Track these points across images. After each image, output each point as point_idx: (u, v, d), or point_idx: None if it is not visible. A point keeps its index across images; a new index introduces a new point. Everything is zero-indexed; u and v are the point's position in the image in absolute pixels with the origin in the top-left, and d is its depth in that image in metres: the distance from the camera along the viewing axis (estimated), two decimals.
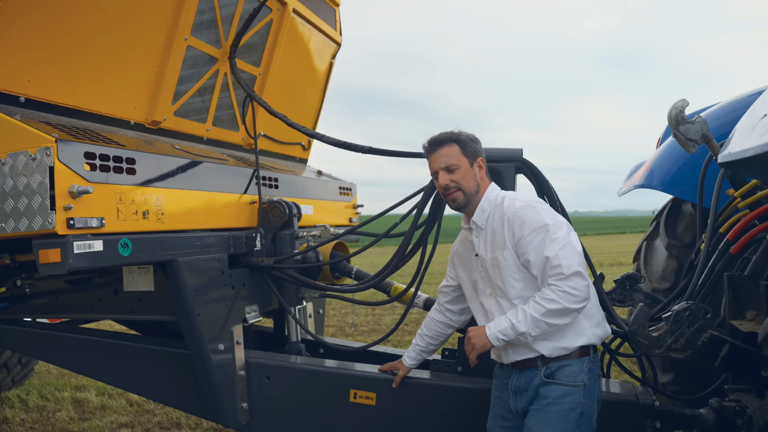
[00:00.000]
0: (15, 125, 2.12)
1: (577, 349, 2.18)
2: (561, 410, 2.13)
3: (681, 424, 2.58)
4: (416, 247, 2.93)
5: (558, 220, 2.18)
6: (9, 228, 2.13)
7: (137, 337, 3.34)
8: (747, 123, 1.88)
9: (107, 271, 3.01)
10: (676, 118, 2.49)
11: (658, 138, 3.50)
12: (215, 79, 3.40)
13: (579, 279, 2.07)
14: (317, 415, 2.90)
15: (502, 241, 2.22)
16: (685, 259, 3.15)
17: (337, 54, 4.55)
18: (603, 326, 2.27)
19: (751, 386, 2.59)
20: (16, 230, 2.13)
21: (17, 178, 2.12)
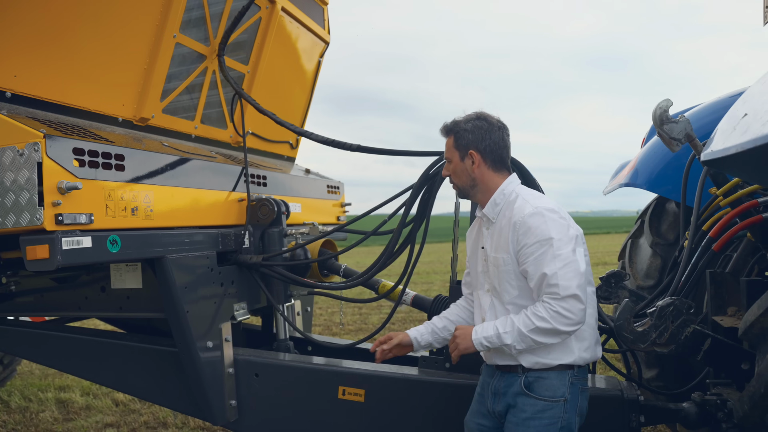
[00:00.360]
0: (2, 120, 2.10)
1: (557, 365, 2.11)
2: (540, 425, 2.09)
3: (665, 417, 2.62)
4: (404, 245, 2.95)
5: (566, 233, 2.05)
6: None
7: (125, 335, 3.32)
8: (728, 122, 1.93)
9: (94, 269, 2.99)
10: (660, 118, 2.54)
11: (643, 138, 3.56)
12: (204, 76, 3.39)
13: (575, 302, 1.98)
14: (306, 412, 2.91)
15: (505, 243, 2.15)
16: (669, 257, 3.21)
17: (326, 53, 4.56)
18: (593, 350, 2.18)
19: (732, 380, 2.65)
20: (2, 226, 2.11)
21: (4, 174, 2.10)
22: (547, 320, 1.99)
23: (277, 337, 3.30)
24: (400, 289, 3.08)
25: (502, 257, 2.16)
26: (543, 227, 2.05)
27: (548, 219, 2.06)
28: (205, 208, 2.93)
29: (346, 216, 4.52)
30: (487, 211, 2.24)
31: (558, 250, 2.01)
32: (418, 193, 2.90)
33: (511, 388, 2.17)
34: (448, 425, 2.74)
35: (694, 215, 2.46)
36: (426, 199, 2.92)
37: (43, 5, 2.43)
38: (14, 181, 2.08)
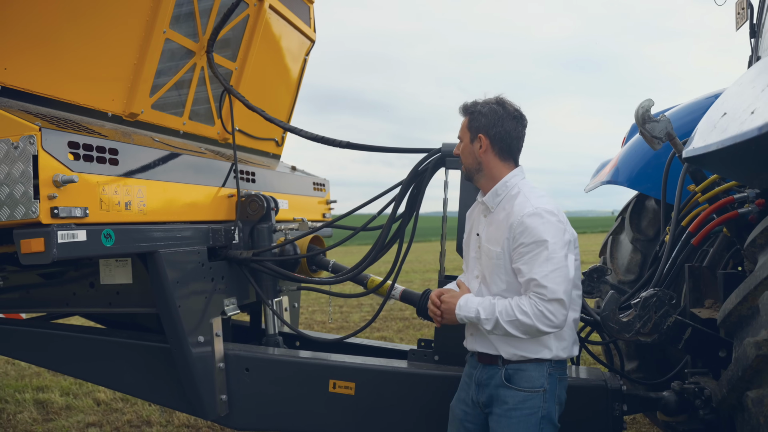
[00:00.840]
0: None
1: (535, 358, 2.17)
2: (522, 415, 2.16)
3: (646, 406, 2.72)
4: (394, 240, 3.00)
5: (561, 238, 2.09)
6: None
7: (112, 332, 3.30)
8: (708, 122, 2.02)
9: (83, 264, 2.97)
10: (642, 117, 2.64)
11: (623, 137, 3.67)
12: (192, 72, 3.40)
13: (559, 306, 2.03)
14: (297, 406, 2.93)
15: (501, 239, 2.18)
16: (649, 253, 3.32)
17: (311, 51, 4.58)
18: (569, 350, 2.23)
19: (708, 369, 2.77)
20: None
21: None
22: (530, 317, 2.04)
23: (267, 332, 3.32)
24: (389, 284, 3.13)
25: (495, 250, 2.20)
26: (540, 228, 2.08)
27: (546, 221, 2.09)
28: (196, 204, 2.94)
29: (331, 213, 4.55)
30: (488, 200, 2.28)
31: (552, 254, 2.05)
32: (407, 189, 2.95)
33: (493, 380, 2.24)
34: (437, 416, 2.79)
35: (675, 211, 2.56)
36: (415, 195, 2.98)
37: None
38: (8, 174, 2.08)
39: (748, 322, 1.88)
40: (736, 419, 1.95)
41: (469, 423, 2.36)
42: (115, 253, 2.38)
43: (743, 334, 1.91)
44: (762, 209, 2.45)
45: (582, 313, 2.74)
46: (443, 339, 2.93)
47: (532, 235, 2.08)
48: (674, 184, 2.87)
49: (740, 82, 2.04)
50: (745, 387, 1.81)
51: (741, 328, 1.93)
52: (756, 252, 1.98)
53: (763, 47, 3.19)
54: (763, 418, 1.70)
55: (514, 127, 2.26)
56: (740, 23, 3.47)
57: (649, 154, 3.21)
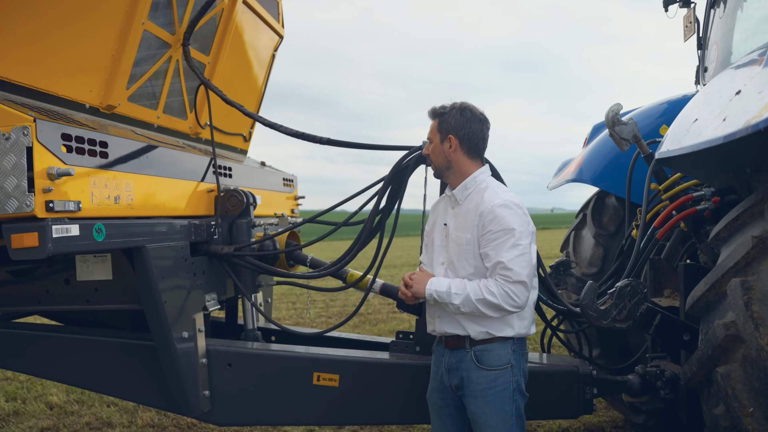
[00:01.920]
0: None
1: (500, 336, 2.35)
2: (496, 392, 2.34)
3: (613, 389, 2.94)
4: (374, 234, 3.06)
5: (526, 228, 2.31)
6: None
7: (85, 330, 3.20)
8: (680, 126, 2.22)
9: (57, 260, 2.87)
10: (612, 120, 2.84)
11: (585, 138, 3.90)
12: (167, 65, 3.34)
13: (522, 288, 2.23)
14: (280, 399, 2.96)
15: (471, 227, 2.37)
16: (611, 247, 3.56)
17: (279, 47, 4.58)
18: (528, 328, 2.42)
19: (666, 353, 3.02)
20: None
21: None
22: (496, 296, 2.23)
23: (246, 327, 3.31)
24: (369, 278, 3.20)
25: (465, 237, 2.38)
26: (509, 218, 2.29)
27: (514, 212, 2.31)
28: (178, 198, 2.91)
29: (299, 209, 4.57)
30: (457, 193, 2.46)
31: (518, 241, 2.26)
32: (389, 184, 3.03)
33: (463, 363, 2.39)
34: (419, 405, 2.90)
35: (644, 208, 2.77)
36: (396, 191, 3.07)
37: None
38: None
39: (715, 307, 2.09)
40: (702, 394, 2.16)
41: (447, 408, 2.52)
42: (104, 249, 2.33)
43: (710, 318, 2.11)
44: (717, 206, 2.70)
45: (555, 303, 2.93)
46: (425, 330, 3.03)
47: (500, 223, 2.28)
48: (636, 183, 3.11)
49: (707, 91, 2.25)
50: (713, 364, 2.01)
51: (708, 313, 2.14)
52: (719, 244, 2.19)
53: (710, 59, 3.48)
54: (731, 390, 1.90)
55: (480, 129, 2.48)
56: (688, 36, 3.77)
57: (611, 154, 3.44)
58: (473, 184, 2.44)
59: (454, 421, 2.53)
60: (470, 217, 2.39)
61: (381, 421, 3.28)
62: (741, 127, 1.76)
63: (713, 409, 2.00)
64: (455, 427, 2.53)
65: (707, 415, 2.09)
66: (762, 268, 1.92)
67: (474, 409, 2.36)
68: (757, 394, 1.84)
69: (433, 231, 2.60)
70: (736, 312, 1.91)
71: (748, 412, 1.84)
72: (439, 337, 2.55)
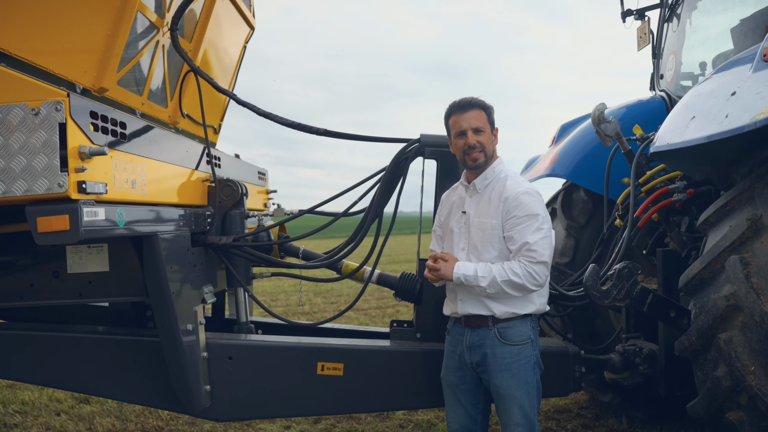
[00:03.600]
0: (7, 74, 1.87)
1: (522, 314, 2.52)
2: (519, 365, 2.50)
3: (598, 367, 3.18)
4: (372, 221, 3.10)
5: (547, 214, 2.49)
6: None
7: (68, 327, 2.98)
8: (677, 123, 2.47)
9: (43, 251, 2.68)
10: (598, 118, 3.09)
11: (553, 137, 4.17)
12: (153, 50, 3.20)
13: (544, 268, 2.41)
14: (284, 391, 2.93)
15: (495, 212, 2.49)
16: (582, 238, 3.83)
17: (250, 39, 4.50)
18: (544, 305, 2.60)
19: (640, 333, 3.31)
20: (7, 194, 1.87)
21: (10, 135, 1.87)
22: (520, 277, 2.39)
23: (238, 320, 3.24)
24: (366, 269, 3.24)
25: (489, 222, 2.51)
26: (533, 205, 2.47)
27: (537, 200, 2.50)
28: (180, 186, 2.81)
29: (271, 202, 4.51)
30: (477, 183, 2.59)
31: (542, 225, 2.45)
32: (390, 176, 3.10)
33: (487, 340, 2.53)
34: (422, 390, 2.99)
35: (632, 199, 3.03)
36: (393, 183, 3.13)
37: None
38: (24, 143, 1.87)
39: (710, 283, 2.34)
40: (696, 361, 2.40)
41: (465, 385, 2.64)
42: (124, 235, 2.22)
43: (705, 293, 2.37)
44: (689, 197, 3.01)
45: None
46: (424, 317, 3.12)
47: (525, 209, 2.45)
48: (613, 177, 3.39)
49: (697, 92, 2.52)
50: (712, 333, 2.26)
51: (702, 289, 2.39)
52: (707, 228, 2.46)
53: (667, 66, 3.86)
54: (734, 353, 2.15)
55: None
56: (642, 45, 4.15)
57: (583, 151, 3.72)
58: (492, 174, 2.58)
59: (469, 398, 2.64)
60: (494, 204, 2.51)
61: (385, 407, 3.32)
62: (748, 122, 2.02)
63: (713, 372, 2.25)
64: (470, 404, 2.64)
65: (703, 378, 2.34)
66: (756, 246, 2.19)
67: (499, 383, 2.48)
68: (757, 355, 2.11)
69: (449, 220, 2.69)
70: (737, 284, 2.17)
71: (750, 371, 2.10)
72: (456, 318, 2.64)
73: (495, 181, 2.57)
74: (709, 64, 3.79)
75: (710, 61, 3.78)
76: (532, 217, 2.44)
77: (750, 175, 2.32)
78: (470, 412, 2.66)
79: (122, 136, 2.22)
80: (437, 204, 3.21)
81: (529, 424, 2.51)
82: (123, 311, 3.19)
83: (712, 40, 3.72)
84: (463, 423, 2.68)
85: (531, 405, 2.52)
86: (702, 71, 3.84)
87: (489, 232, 2.52)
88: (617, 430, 3.83)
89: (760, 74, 2.20)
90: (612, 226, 3.28)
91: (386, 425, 4.09)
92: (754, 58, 2.28)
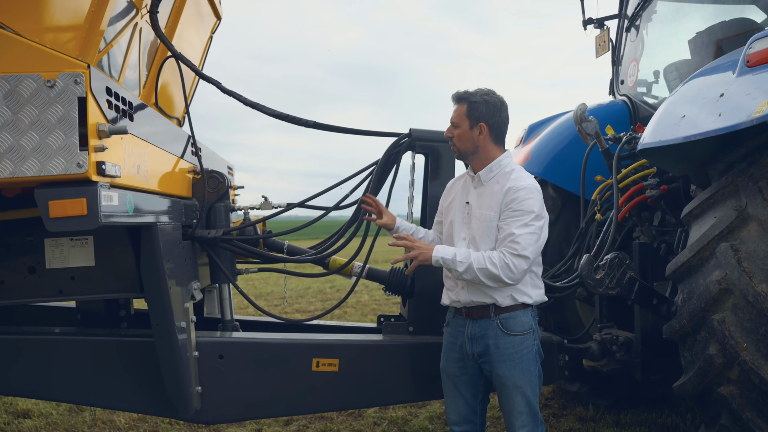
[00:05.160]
0: (16, 41, 1.70)
1: (522, 303, 2.58)
2: (522, 355, 2.55)
3: (578, 355, 3.31)
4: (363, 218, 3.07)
5: (543, 214, 2.52)
6: (5, 172, 1.68)
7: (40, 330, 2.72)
8: (666, 121, 2.64)
9: (15, 243, 2.44)
10: (579, 117, 3.25)
11: (521, 137, 4.32)
12: (131, 33, 3.01)
13: (523, 262, 2.42)
14: (277, 390, 2.83)
15: (496, 204, 2.53)
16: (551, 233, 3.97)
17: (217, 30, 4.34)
18: (541, 296, 2.66)
19: (614, 322, 3.49)
20: (16, 175, 1.69)
21: (21, 109, 1.69)
22: (497, 266, 2.42)
23: (223, 318, 3.09)
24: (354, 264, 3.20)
25: (489, 215, 2.55)
26: (531, 201, 2.50)
27: (535, 197, 2.53)
28: (171, 176, 2.66)
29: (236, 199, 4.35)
30: (482, 174, 2.62)
31: (532, 222, 2.48)
32: (382, 170, 3.09)
33: (489, 331, 2.56)
34: (416, 383, 2.99)
35: (615, 195, 3.19)
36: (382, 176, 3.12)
37: None
38: (37, 119, 1.69)
39: (698, 269, 2.51)
40: (685, 343, 2.57)
41: (465, 376, 2.66)
42: (131, 223, 2.06)
43: (692, 279, 2.54)
44: (661, 194, 3.22)
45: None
46: (416, 311, 3.13)
47: (521, 204, 2.49)
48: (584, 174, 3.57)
49: (683, 94, 2.71)
50: (704, 315, 2.43)
51: (689, 276, 2.56)
52: (691, 220, 2.65)
53: (628, 73, 4.12)
54: (727, 332, 2.33)
55: (507, 116, 2.68)
56: (601, 53, 4.40)
57: (555, 150, 3.89)
58: (498, 168, 2.60)
59: (469, 389, 2.67)
60: (496, 198, 2.55)
61: (381, 402, 3.28)
62: (744, 120, 2.20)
63: (706, 351, 2.42)
64: (470, 395, 2.67)
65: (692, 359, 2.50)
66: (743, 234, 2.38)
67: (502, 373, 2.52)
68: (748, 332, 2.29)
69: (451, 209, 2.72)
70: (728, 269, 2.34)
71: (743, 347, 2.28)
72: (456, 309, 2.67)
73: (500, 174, 2.60)
74: (661, 73, 4.09)
75: (662, 71, 4.08)
76: (525, 213, 2.47)
77: (731, 171, 2.52)
78: (470, 402, 2.69)
79: (130, 117, 2.07)
80: (426, 199, 3.24)
81: (532, 411, 2.58)
82: (93, 311, 2.96)
83: (666, 51, 4.02)
84: (462, 414, 2.70)
85: (533, 393, 2.58)
86: (656, 79, 4.14)
87: (488, 224, 2.55)
88: (585, 417, 4.01)
89: (745, 78, 2.39)
90: (591, 220, 3.44)
91: (360, 423, 4.05)
92: (735, 64, 2.48)
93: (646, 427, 3.78)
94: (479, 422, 2.73)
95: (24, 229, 2.41)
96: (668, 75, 4.05)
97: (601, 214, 3.37)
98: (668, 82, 4.04)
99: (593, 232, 3.42)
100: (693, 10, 4.04)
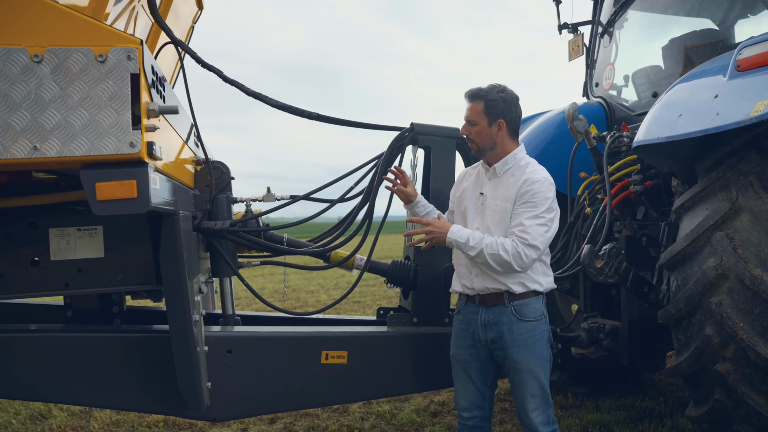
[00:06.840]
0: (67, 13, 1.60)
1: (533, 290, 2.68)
2: (535, 340, 2.65)
3: (569, 343, 3.46)
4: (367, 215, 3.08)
5: (554, 206, 2.59)
6: (52, 151, 1.58)
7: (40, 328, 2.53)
8: (662, 119, 2.82)
9: (15, 234, 2.28)
10: (571, 116, 3.40)
11: None
12: (129, 15, 2.87)
13: (533, 251, 2.51)
14: (287, 384, 2.79)
15: (512, 196, 2.61)
16: None
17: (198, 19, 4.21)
18: (551, 283, 2.75)
19: (598, 312, 3.67)
20: (64, 154, 1.59)
21: (69, 85, 1.60)
22: (508, 253, 2.51)
23: (224, 313, 2.99)
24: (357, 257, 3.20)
25: (504, 206, 2.63)
26: (546, 194, 2.60)
27: (549, 190, 2.63)
28: (185, 164, 2.57)
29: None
30: (498, 167, 2.70)
31: (544, 213, 2.58)
32: (387, 162, 3.11)
33: (503, 317, 2.64)
34: (423, 373, 3.02)
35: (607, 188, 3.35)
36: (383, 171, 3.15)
37: None
38: (87, 95, 1.60)
39: (693, 258, 2.70)
40: (679, 326, 2.75)
41: (477, 362, 2.73)
42: (163, 210, 1.98)
43: (687, 267, 2.72)
44: (645, 189, 3.42)
45: None
46: (420, 302, 3.16)
47: (535, 196, 2.59)
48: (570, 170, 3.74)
49: (676, 94, 2.90)
50: (699, 299, 2.61)
51: (684, 263, 2.75)
52: (682, 212, 2.84)
53: (604, 76, 4.35)
54: (724, 313, 2.51)
55: (521, 111, 2.79)
56: (574, 56, 4.62)
57: (538, 148, 4.03)
58: (513, 161, 2.69)
59: (479, 374, 2.74)
60: (511, 189, 2.63)
61: (388, 393, 3.27)
62: (743, 118, 2.39)
63: (702, 332, 2.60)
64: (480, 380, 2.74)
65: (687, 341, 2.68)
66: (736, 224, 2.58)
67: (517, 358, 2.60)
68: (744, 313, 2.48)
69: (464, 198, 2.78)
70: (724, 255, 2.53)
71: (740, 327, 2.47)
72: (468, 297, 2.72)
73: (515, 167, 2.68)
74: (630, 77, 4.35)
75: (631, 75, 4.34)
76: (537, 205, 2.56)
77: (721, 167, 2.72)
78: (480, 388, 2.75)
79: (163, 98, 1.99)
80: (426, 192, 3.28)
81: (544, 394, 2.67)
82: (85, 308, 2.80)
83: (636, 57, 4.28)
84: (472, 399, 2.76)
85: (545, 377, 2.68)
86: (626, 83, 4.39)
87: (502, 214, 2.63)
88: (565, 405, 4.18)
89: (737, 81, 2.60)
90: (580, 214, 3.60)
91: (347, 419, 4.03)
92: (725, 69, 2.69)
93: (625, 410, 3.99)
94: (488, 408, 2.80)
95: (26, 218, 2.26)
96: (636, 80, 4.31)
97: (590, 208, 3.53)
98: (636, 87, 4.30)
99: (579, 226, 3.58)
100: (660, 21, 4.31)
